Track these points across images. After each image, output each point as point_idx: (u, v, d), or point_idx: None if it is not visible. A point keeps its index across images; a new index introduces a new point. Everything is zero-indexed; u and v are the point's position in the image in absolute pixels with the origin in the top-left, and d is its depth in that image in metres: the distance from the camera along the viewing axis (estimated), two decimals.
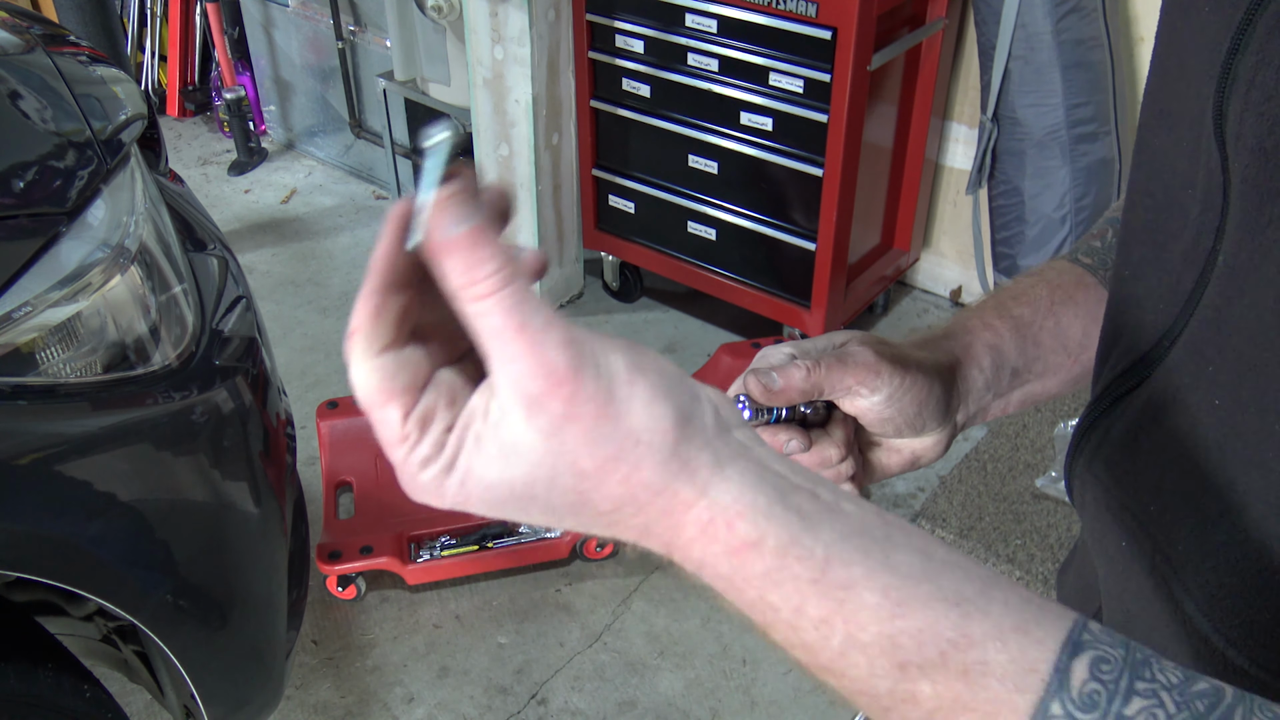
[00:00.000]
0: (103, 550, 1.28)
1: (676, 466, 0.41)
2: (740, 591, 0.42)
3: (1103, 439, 0.55)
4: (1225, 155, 0.46)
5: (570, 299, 3.26)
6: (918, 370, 0.66)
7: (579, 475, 0.40)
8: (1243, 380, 0.44)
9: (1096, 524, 0.57)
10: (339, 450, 2.46)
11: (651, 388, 0.41)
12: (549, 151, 2.94)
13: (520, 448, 0.40)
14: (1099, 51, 2.52)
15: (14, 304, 1.19)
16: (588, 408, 0.39)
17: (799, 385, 0.64)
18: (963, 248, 3.13)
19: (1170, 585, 0.49)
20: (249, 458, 1.45)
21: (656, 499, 0.41)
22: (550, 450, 0.40)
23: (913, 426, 0.67)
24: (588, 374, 0.39)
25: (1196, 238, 0.49)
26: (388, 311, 0.42)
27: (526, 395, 0.39)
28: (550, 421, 0.39)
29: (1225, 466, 0.45)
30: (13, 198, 1.24)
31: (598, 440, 0.40)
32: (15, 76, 1.41)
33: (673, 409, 0.41)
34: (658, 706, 2.11)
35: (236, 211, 3.72)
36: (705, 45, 2.60)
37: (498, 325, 0.39)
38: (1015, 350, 0.70)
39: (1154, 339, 0.52)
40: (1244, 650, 0.46)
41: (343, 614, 2.29)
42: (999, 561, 2.04)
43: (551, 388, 0.39)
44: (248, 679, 1.54)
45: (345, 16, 3.53)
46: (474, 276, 0.39)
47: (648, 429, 0.40)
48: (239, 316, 1.50)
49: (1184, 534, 0.48)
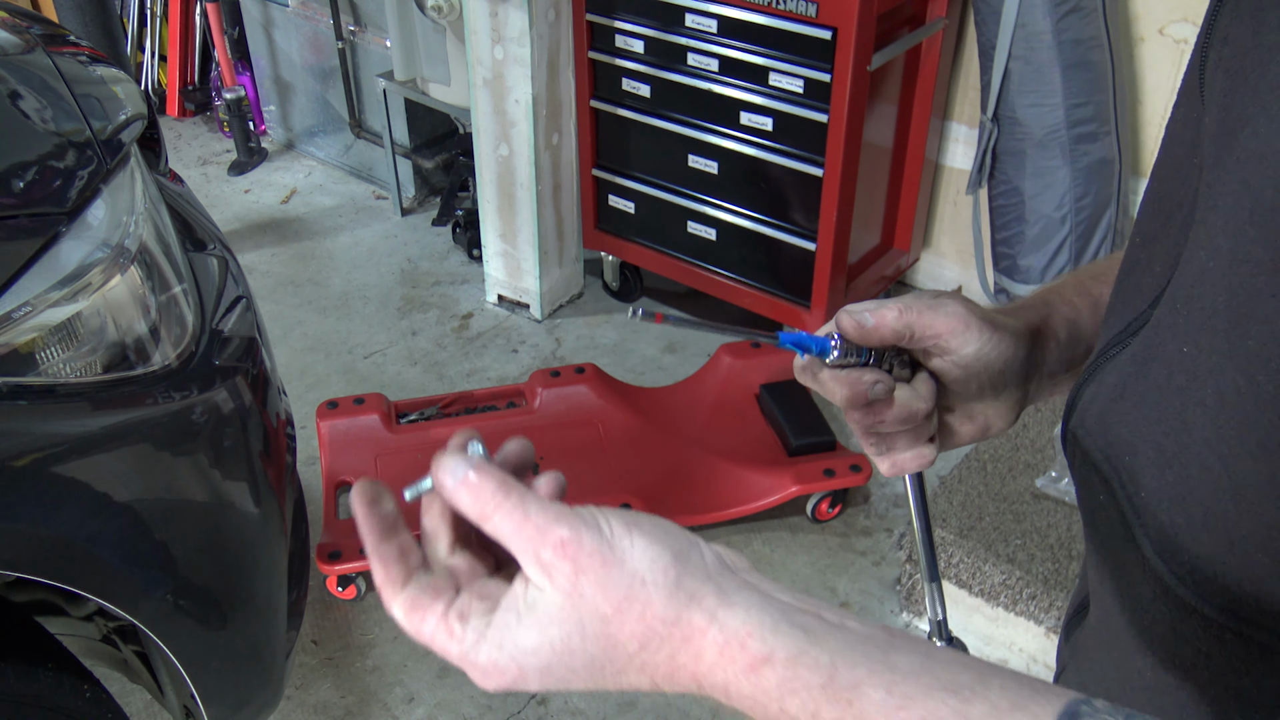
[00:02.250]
0: (103, 550, 1.28)
1: (683, 598, 0.47)
2: (764, 707, 0.46)
3: (1094, 396, 0.56)
4: (1205, 115, 0.48)
5: (570, 299, 3.27)
6: (1005, 329, 0.67)
7: (602, 619, 0.47)
8: (1205, 326, 0.46)
9: (1083, 483, 0.58)
10: (339, 450, 2.46)
11: (647, 536, 0.48)
12: (549, 151, 2.94)
13: (550, 610, 0.47)
14: (1099, 51, 2.52)
15: (14, 304, 1.19)
16: (593, 560, 0.47)
17: (891, 324, 0.65)
18: (963, 248, 3.13)
19: (1133, 531, 0.50)
20: (249, 458, 1.45)
21: (674, 630, 0.46)
22: (572, 603, 0.47)
23: (994, 387, 0.68)
24: (587, 534, 0.47)
25: (1193, 201, 0.50)
26: (391, 553, 0.52)
27: (544, 566, 0.47)
28: (566, 579, 0.47)
29: (1184, 410, 0.47)
30: (13, 198, 1.24)
31: (609, 585, 0.46)
32: (15, 76, 1.41)
33: (668, 550, 0.47)
34: (658, 706, 2.11)
35: (236, 211, 3.72)
36: (705, 45, 2.60)
37: (510, 527, 0.48)
38: (1090, 326, 0.71)
39: (1149, 299, 0.54)
40: (1191, 588, 0.47)
41: (343, 614, 2.29)
42: (999, 561, 2.04)
43: (559, 551, 0.47)
44: (248, 679, 1.54)
45: (345, 16, 3.53)
46: (479, 507, 0.48)
47: (649, 569, 0.47)
48: (239, 316, 1.50)
49: (1147, 479, 0.49)
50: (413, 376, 2.97)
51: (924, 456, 0.71)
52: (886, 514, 2.51)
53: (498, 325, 3.18)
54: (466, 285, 3.34)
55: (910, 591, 2.23)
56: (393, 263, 3.46)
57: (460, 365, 3.02)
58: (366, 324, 3.18)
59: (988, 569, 2.06)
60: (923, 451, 0.71)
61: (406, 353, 3.07)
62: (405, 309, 3.25)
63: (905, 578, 2.23)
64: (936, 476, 2.49)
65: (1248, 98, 0.44)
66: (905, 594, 2.24)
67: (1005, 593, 2.06)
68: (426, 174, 3.71)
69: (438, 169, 3.62)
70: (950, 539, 2.10)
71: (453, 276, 3.39)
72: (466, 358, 3.05)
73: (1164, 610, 0.50)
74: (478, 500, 0.48)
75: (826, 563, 2.41)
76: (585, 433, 2.56)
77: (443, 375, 2.98)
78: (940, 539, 2.11)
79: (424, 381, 2.95)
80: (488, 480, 0.48)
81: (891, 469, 0.71)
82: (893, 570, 2.36)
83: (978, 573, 2.07)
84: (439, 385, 2.93)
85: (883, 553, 2.43)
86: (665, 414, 2.63)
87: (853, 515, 2.52)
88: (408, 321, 3.20)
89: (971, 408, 0.71)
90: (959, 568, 2.10)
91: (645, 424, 2.59)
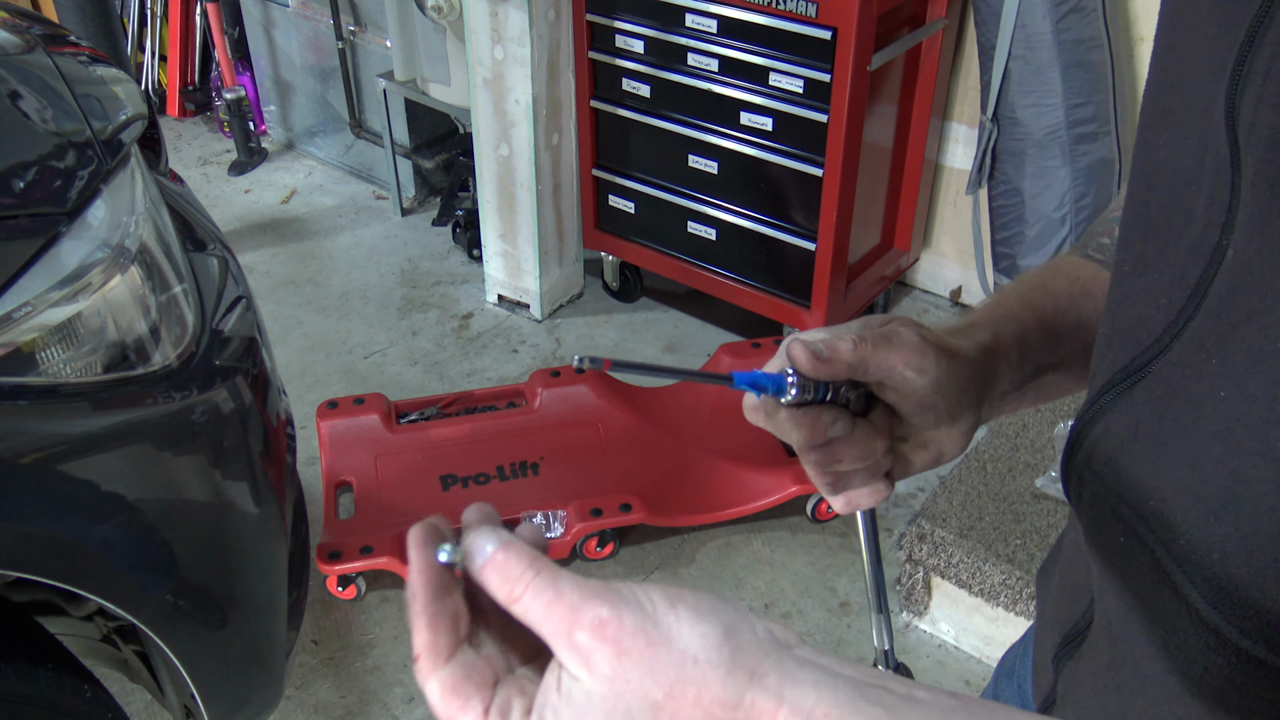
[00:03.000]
0: (103, 550, 1.28)
1: (743, 677, 0.41)
2: None
3: (1103, 434, 0.55)
4: (1236, 148, 0.46)
5: (570, 299, 3.27)
6: (960, 355, 0.65)
7: (654, 707, 0.41)
8: (1251, 371, 0.44)
9: (1094, 521, 0.56)
10: (339, 450, 2.45)
11: (693, 609, 0.42)
12: (549, 151, 2.94)
13: (592, 701, 0.42)
14: (1099, 51, 2.52)
15: (14, 304, 1.19)
16: (637, 640, 0.41)
17: (846, 358, 0.62)
18: (963, 248, 3.13)
19: (1174, 579, 0.49)
20: (249, 458, 1.45)
21: (735, 714, 0.41)
22: (616, 692, 0.41)
23: (951, 415, 0.66)
24: (628, 611, 0.42)
25: (1203, 232, 0.49)
26: (443, 617, 0.46)
27: (581, 652, 0.42)
28: (608, 665, 0.41)
29: (1230, 458, 0.45)
30: (13, 198, 1.24)
31: (657, 669, 0.41)
32: (15, 76, 1.41)
33: (718, 624, 0.42)
34: None
35: (236, 211, 3.72)
36: (705, 45, 2.60)
37: (541, 608, 0.43)
38: (1040, 344, 0.69)
39: (1155, 333, 0.52)
40: (1260, 640, 0.46)
41: (343, 614, 2.29)
42: (999, 561, 2.04)
43: (597, 632, 0.41)
44: (248, 679, 1.54)
45: (345, 16, 3.53)
46: (509, 587, 0.44)
47: (701, 647, 0.41)
48: (239, 316, 1.50)
49: (1187, 527, 0.47)
50: (413, 376, 2.98)
51: (879, 492, 0.69)
52: (887, 514, 2.51)
53: (498, 325, 3.18)
54: (466, 285, 3.34)
55: (910, 591, 2.23)
56: (393, 263, 3.46)
57: (460, 365, 3.02)
58: (366, 324, 3.18)
59: (988, 569, 2.06)
60: (878, 487, 0.69)
61: (406, 353, 3.07)
62: (405, 309, 3.25)
63: (905, 578, 2.23)
64: (936, 476, 2.49)
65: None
66: (905, 594, 2.24)
67: (1005, 593, 2.06)
68: (426, 174, 3.71)
69: (438, 169, 3.62)
70: (950, 539, 2.10)
71: (453, 276, 3.40)
72: (466, 358, 3.05)
73: (1220, 662, 0.48)
74: (506, 579, 0.44)
75: (826, 563, 2.41)
76: (585, 433, 2.56)
77: (443, 375, 2.98)
78: (940, 539, 2.11)
79: (424, 381, 2.96)
80: (518, 558, 0.44)
81: (846, 506, 0.69)
82: (893, 570, 2.36)
83: (978, 573, 2.07)
84: (439, 385, 2.93)
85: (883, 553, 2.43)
86: (665, 414, 2.63)
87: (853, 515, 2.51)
88: (408, 321, 3.20)
89: (925, 436, 0.69)
90: (959, 568, 2.10)
91: (645, 424, 2.59)
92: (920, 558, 2.15)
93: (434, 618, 0.45)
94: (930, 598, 2.22)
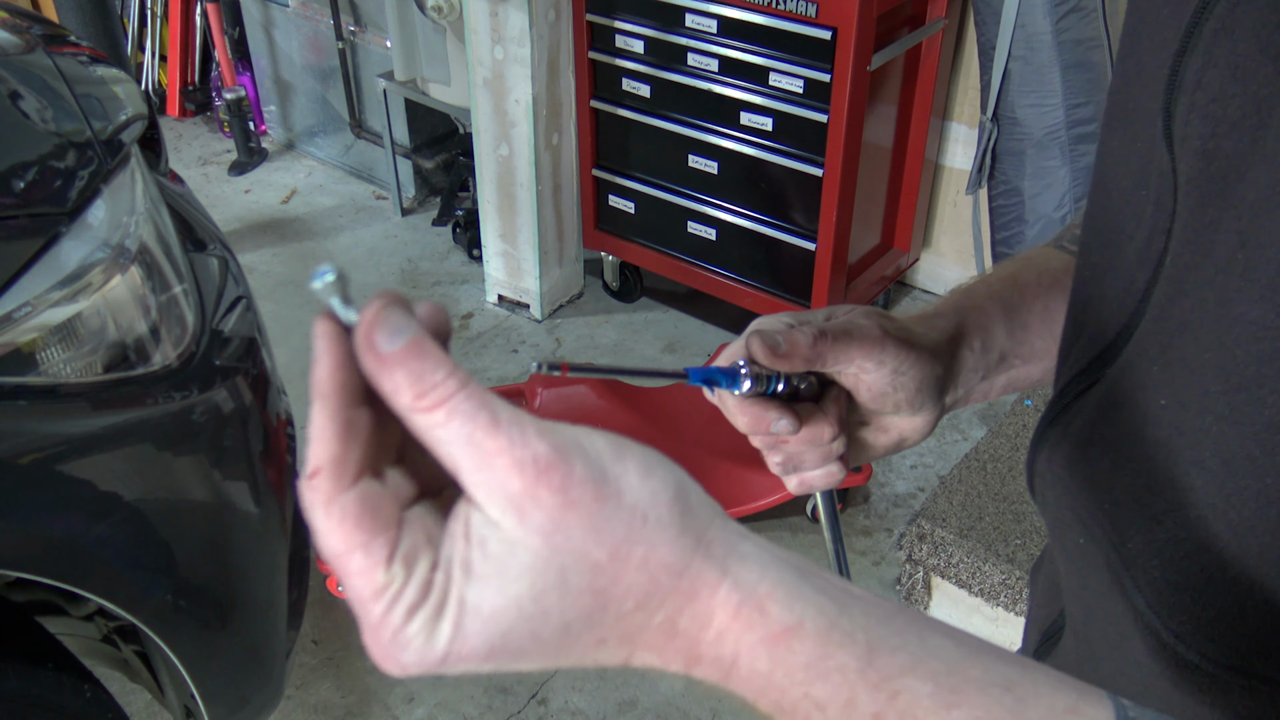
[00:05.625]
0: (103, 550, 1.28)
1: (690, 542, 0.37)
2: (782, 691, 0.37)
3: (1061, 436, 0.55)
4: (1174, 156, 0.46)
5: (570, 299, 3.27)
6: (921, 346, 0.65)
7: (594, 569, 0.35)
8: (1186, 381, 0.45)
9: (1056, 521, 0.57)
10: None
11: (641, 462, 0.37)
12: (549, 151, 2.94)
13: (519, 557, 0.35)
14: (1099, 52, 2.52)
15: (14, 304, 1.19)
16: (585, 490, 0.35)
17: (803, 352, 0.61)
18: (963, 248, 3.13)
19: (1123, 582, 0.49)
20: (249, 458, 1.45)
21: (679, 582, 0.37)
22: (553, 548, 0.35)
23: (911, 404, 0.66)
24: (575, 456, 0.35)
25: (1149, 238, 0.49)
26: (356, 431, 0.36)
27: (512, 496, 0.35)
28: (546, 515, 0.35)
29: (1170, 465, 0.46)
30: (13, 198, 1.24)
31: (602, 524, 0.35)
32: (15, 76, 1.41)
33: (669, 481, 0.37)
34: (658, 706, 2.11)
35: (236, 211, 3.72)
36: (705, 45, 2.60)
37: (462, 432, 0.35)
38: (1004, 333, 0.69)
39: (1110, 338, 0.52)
40: (1193, 645, 0.46)
41: (343, 614, 2.29)
42: (999, 561, 2.04)
43: (539, 477, 0.34)
44: (248, 679, 1.54)
45: (345, 16, 3.53)
46: (423, 388, 0.35)
47: (651, 504, 0.36)
48: (239, 316, 1.50)
49: (1134, 531, 0.48)
50: None
51: (833, 475, 0.68)
52: (886, 514, 2.51)
53: (498, 325, 3.18)
54: (466, 285, 3.34)
55: (910, 591, 2.23)
56: (393, 263, 3.46)
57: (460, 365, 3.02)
58: None
59: (988, 569, 2.06)
60: (831, 470, 0.68)
61: None
62: None
63: (905, 578, 2.23)
64: (936, 476, 2.50)
65: (1244, 146, 0.42)
66: (905, 594, 2.24)
67: (1005, 593, 2.06)
68: (426, 174, 3.71)
69: (438, 169, 3.62)
70: (950, 539, 2.10)
71: (453, 276, 3.40)
72: (466, 358, 3.05)
73: (1162, 666, 0.48)
74: (418, 382, 0.34)
75: (826, 563, 2.41)
76: None
77: None
78: (940, 539, 2.11)
79: None
80: (438, 360, 0.35)
81: (800, 487, 0.68)
82: (893, 570, 2.36)
83: (978, 573, 2.08)
84: None
85: (883, 552, 2.43)
86: (665, 414, 2.63)
87: (853, 515, 2.52)
88: None
89: (886, 421, 0.68)
90: (959, 568, 2.10)
91: (645, 424, 2.59)
92: (920, 558, 2.15)
93: (347, 426, 0.36)
94: (930, 598, 2.22)
